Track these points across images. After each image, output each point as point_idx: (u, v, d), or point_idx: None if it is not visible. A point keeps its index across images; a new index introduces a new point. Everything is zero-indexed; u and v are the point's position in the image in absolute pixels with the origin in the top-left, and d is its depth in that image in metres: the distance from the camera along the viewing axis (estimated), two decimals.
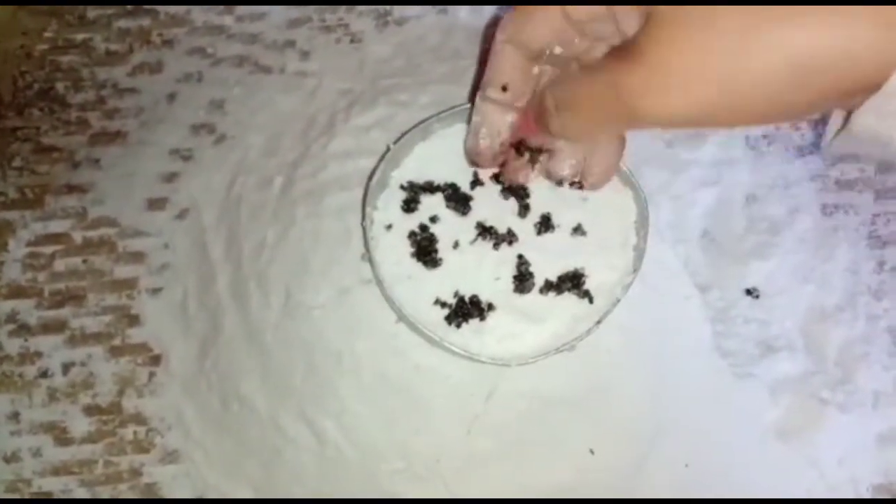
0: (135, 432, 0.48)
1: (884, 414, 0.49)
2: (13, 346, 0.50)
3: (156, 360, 0.50)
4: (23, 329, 0.50)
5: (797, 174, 0.53)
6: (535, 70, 0.38)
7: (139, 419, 0.49)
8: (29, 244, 0.52)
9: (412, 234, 0.44)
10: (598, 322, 0.42)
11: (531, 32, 0.36)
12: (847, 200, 0.53)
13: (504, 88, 0.39)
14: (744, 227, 0.52)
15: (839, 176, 0.54)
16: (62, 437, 0.48)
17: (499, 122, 0.41)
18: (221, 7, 0.57)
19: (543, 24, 0.35)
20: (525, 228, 0.44)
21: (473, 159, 0.43)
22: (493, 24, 0.54)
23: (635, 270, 0.43)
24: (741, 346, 0.49)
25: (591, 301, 0.43)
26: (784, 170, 0.53)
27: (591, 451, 0.45)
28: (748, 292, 0.51)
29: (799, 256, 0.52)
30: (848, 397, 0.49)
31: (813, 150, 0.54)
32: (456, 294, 0.43)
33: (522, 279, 0.43)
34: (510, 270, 0.44)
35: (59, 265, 0.51)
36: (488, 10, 0.57)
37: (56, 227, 0.52)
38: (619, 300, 0.43)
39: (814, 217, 0.53)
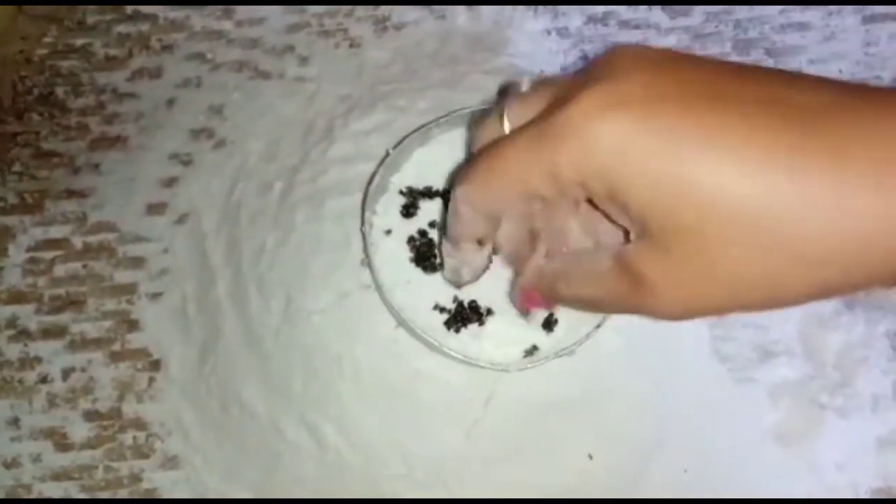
0: (135, 437, 0.48)
1: (883, 418, 0.49)
2: (13, 351, 0.50)
3: (155, 365, 0.50)
4: (23, 334, 0.50)
5: None
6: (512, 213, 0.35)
7: (139, 424, 0.49)
8: (29, 249, 0.52)
9: (411, 239, 0.44)
10: (598, 326, 0.42)
11: (490, 205, 0.32)
12: None
13: (480, 242, 0.37)
14: None
15: None
16: (62, 442, 0.48)
17: (478, 260, 0.38)
18: (220, 12, 0.57)
19: (502, 198, 0.31)
20: None
21: (457, 287, 0.42)
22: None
23: None
24: (740, 350, 0.49)
25: None
26: None
27: (590, 456, 0.46)
28: None
29: None
30: (847, 401, 0.49)
31: None
32: (455, 299, 0.43)
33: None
34: (509, 275, 0.44)
35: (59, 270, 0.51)
36: (486, 16, 0.57)
37: (56, 232, 0.52)
38: None
39: None
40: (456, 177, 0.33)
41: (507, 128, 0.32)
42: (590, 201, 0.30)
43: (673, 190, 0.25)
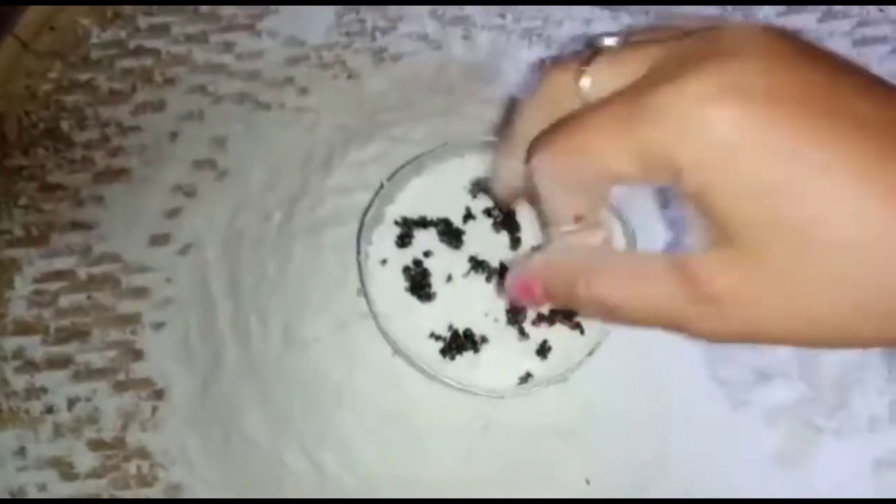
0: (138, 466, 0.49)
1: (879, 439, 0.49)
2: (19, 382, 0.51)
3: (159, 394, 0.50)
4: (29, 365, 0.51)
5: None
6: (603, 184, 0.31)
7: (143, 453, 0.49)
8: (35, 281, 0.53)
9: (406, 269, 0.45)
10: (590, 353, 0.43)
11: (565, 179, 0.30)
12: None
13: (577, 219, 0.33)
14: None
15: None
16: (68, 472, 0.49)
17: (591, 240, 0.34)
18: (222, 46, 0.58)
19: (578, 174, 0.29)
20: None
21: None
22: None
23: None
24: (737, 373, 0.50)
25: (582, 332, 0.44)
26: None
27: (587, 482, 0.46)
28: None
29: None
30: (843, 423, 0.49)
31: None
32: (450, 327, 0.44)
33: (515, 312, 0.44)
34: (502, 303, 0.45)
35: (64, 301, 0.52)
36: (482, 46, 0.58)
37: (61, 263, 0.53)
38: (608, 332, 0.44)
39: None
40: (534, 143, 0.31)
41: (585, 89, 0.29)
42: None
43: (781, 207, 0.23)
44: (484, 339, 0.44)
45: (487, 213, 0.46)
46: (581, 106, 0.29)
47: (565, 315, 0.45)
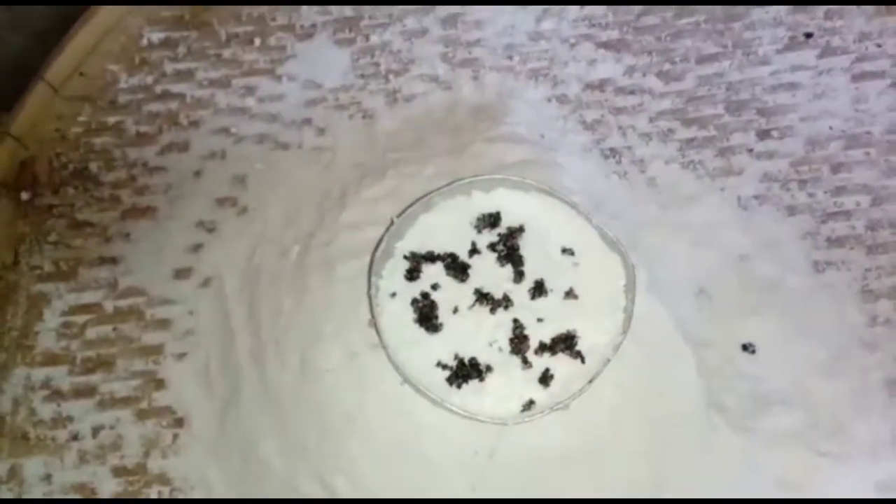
0: (159, 492, 0.51)
1: (881, 464, 0.50)
2: (47, 411, 0.53)
3: (180, 422, 0.52)
4: (56, 394, 0.53)
5: (788, 233, 0.56)
6: None
7: (163, 480, 0.51)
8: (63, 314, 0.56)
9: (415, 301, 0.47)
10: (590, 381, 0.45)
11: None
12: (838, 257, 0.55)
13: None
14: (738, 285, 0.54)
15: (830, 234, 0.56)
16: (91, 497, 0.51)
17: None
18: (244, 90, 0.61)
19: None
20: (520, 293, 0.47)
21: None
22: None
23: (624, 332, 0.46)
24: (737, 401, 0.51)
25: (583, 361, 0.46)
26: (775, 229, 0.56)
27: (585, 498, 0.47)
28: (745, 348, 0.52)
29: (793, 313, 0.53)
30: (845, 449, 0.50)
31: (803, 209, 0.56)
32: (456, 357, 0.46)
33: (518, 341, 0.46)
34: (506, 333, 0.46)
35: (91, 333, 0.55)
36: (490, 87, 0.60)
37: (88, 297, 0.56)
38: (608, 360, 0.45)
39: (806, 274, 0.55)
40: None
41: None
42: None
43: None
44: (489, 368, 0.46)
45: (492, 247, 0.48)
46: None
47: (567, 345, 0.46)
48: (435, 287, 0.47)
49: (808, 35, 0.61)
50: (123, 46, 0.63)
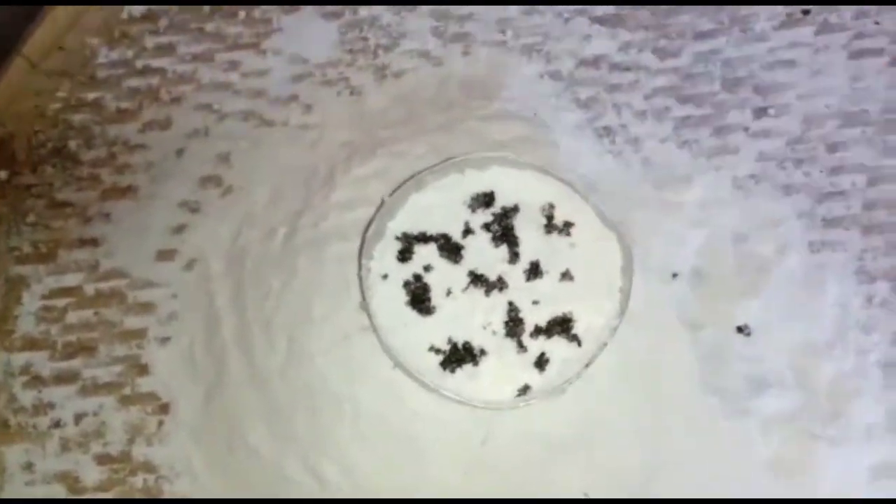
0: (144, 480, 0.50)
1: (876, 447, 0.49)
2: (27, 397, 0.52)
3: (164, 408, 0.51)
4: (36, 380, 0.52)
5: (784, 213, 0.55)
6: None
7: (148, 467, 0.50)
8: (43, 297, 0.54)
9: (407, 283, 0.46)
10: (587, 365, 0.44)
11: None
12: (834, 238, 0.54)
13: None
14: (733, 266, 0.53)
15: (826, 214, 0.55)
16: (75, 486, 0.50)
17: None
18: (227, 65, 0.60)
19: None
20: (515, 275, 0.46)
21: None
22: None
23: (621, 314, 0.45)
24: (733, 383, 0.50)
25: (579, 345, 0.45)
26: (771, 209, 0.55)
27: (586, 494, 0.46)
28: (739, 330, 0.52)
29: (788, 294, 0.53)
30: (840, 431, 0.50)
31: (799, 189, 0.55)
32: (449, 340, 0.45)
33: (513, 324, 0.45)
34: (501, 316, 0.45)
35: (72, 317, 0.53)
36: (482, 62, 0.59)
37: (69, 280, 0.54)
38: (606, 343, 0.44)
39: (802, 254, 0.54)
40: None
41: None
42: None
43: None
44: (483, 352, 0.45)
45: (486, 227, 0.47)
46: None
47: (563, 328, 0.45)
48: (428, 268, 0.46)
49: (806, 11, 0.60)
50: (104, 19, 0.61)
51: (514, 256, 0.47)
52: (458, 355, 0.44)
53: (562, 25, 0.60)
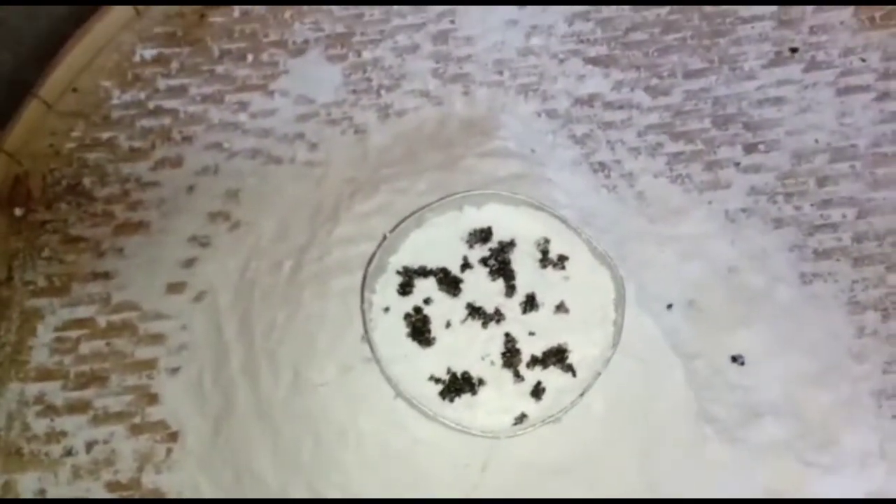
0: None
1: (870, 475, 0.50)
2: (40, 426, 0.53)
3: (173, 436, 0.53)
4: (49, 410, 0.54)
5: (776, 245, 0.56)
6: None
7: (157, 494, 0.52)
8: (56, 329, 0.56)
9: (408, 316, 0.47)
10: (581, 395, 0.45)
11: None
12: (825, 269, 0.56)
13: None
14: (726, 297, 0.55)
15: (817, 246, 0.56)
16: None
17: None
18: (236, 105, 0.62)
19: None
20: (511, 307, 0.48)
21: None
22: None
23: (615, 345, 0.46)
24: (727, 412, 0.51)
25: (574, 374, 0.46)
26: (763, 241, 0.56)
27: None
28: (734, 359, 0.53)
29: (781, 324, 0.54)
30: (834, 459, 0.51)
31: (790, 222, 0.57)
32: (449, 370, 0.46)
33: (510, 355, 0.46)
34: (498, 347, 0.47)
35: (84, 348, 0.55)
36: (480, 102, 0.61)
37: (82, 312, 0.56)
38: (599, 374, 0.46)
39: (794, 286, 0.55)
40: None
41: None
42: None
43: None
44: (481, 382, 0.46)
45: (484, 262, 0.49)
46: None
47: (558, 358, 0.47)
48: (427, 301, 0.48)
49: (794, 50, 0.62)
50: (116, 63, 0.63)
51: (510, 290, 0.48)
52: (457, 385, 0.46)
53: (557, 66, 0.62)
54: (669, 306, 0.54)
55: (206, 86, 0.63)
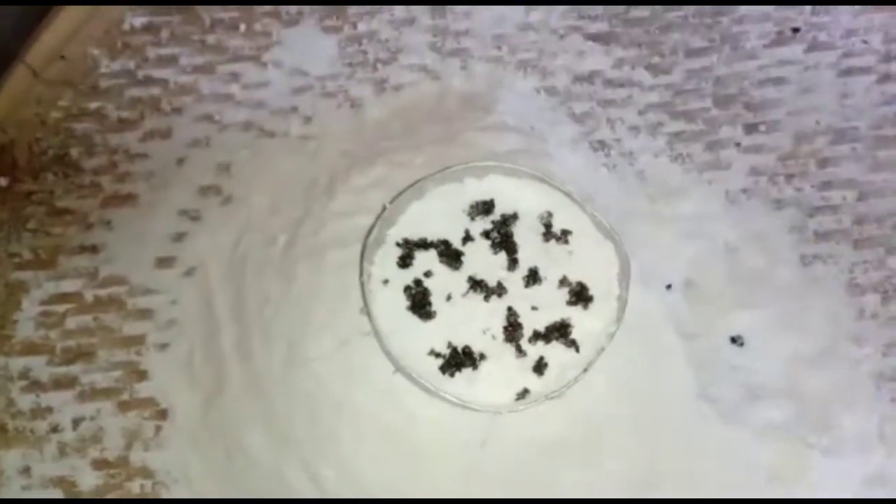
0: (141, 485, 0.50)
1: (868, 457, 0.50)
2: (26, 401, 0.52)
3: (162, 413, 0.51)
4: (35, 385, 0.52)
5: (776, 226, 0.56)
6: None
7: (146, 473, 0.50)
8: (42, 303, 0.54)
9: (407, 288, 0.46)
10: (585, 370, 0.44)
11: None
12: (826, 251, 0.55)
13: None
14: (726, 277, 0.54)
15: (817, 228, 0.56)
16: (71, 490, 0.50)
17: None
18: (228, 76, 0.60)
19: None
20: (514, 281, 0.47)
21: None
22: None
23: (618, 320, 0.46)
24: (727, 392, 0.51)
25: (577, 350, 0.45)
26: (763, 222, 0.56)
27: (584, 499, 0.47)
28: (733, 340, 0.52)
29: (781, 305, 0.54)
30: (833, 441, 0.50)
31: (790, 203, 0.56)
32: (449, 345, 0.45)
33: (512, 329, 0.46)
34: (500, 321, 0.46)
35: (71, 323, 0.54)
36: (479, 77, 0.60)
37: (68, 286, 0.54)
38: (603, 349, 0.45)
39: (793, 267, 0.55)
40: None
41: None
42: None
43: None
44: (482, 357, 0.45)
45: (486, 234, 0.48)
46: None
47: (561, 333, 0.46)
48: (428, 274, 0.47)
49: (796, 30, 0.62)
50: (105, 30, 0.61)
51: (512, 263, 0.47)
52: (458, 359, 0.45)
53: (557, 42, 0.61)
54: (669, 286, 0.53)
55: (198, 56, 0.61)
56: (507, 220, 0.48)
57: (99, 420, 0.51)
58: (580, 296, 0.47)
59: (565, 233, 0.49)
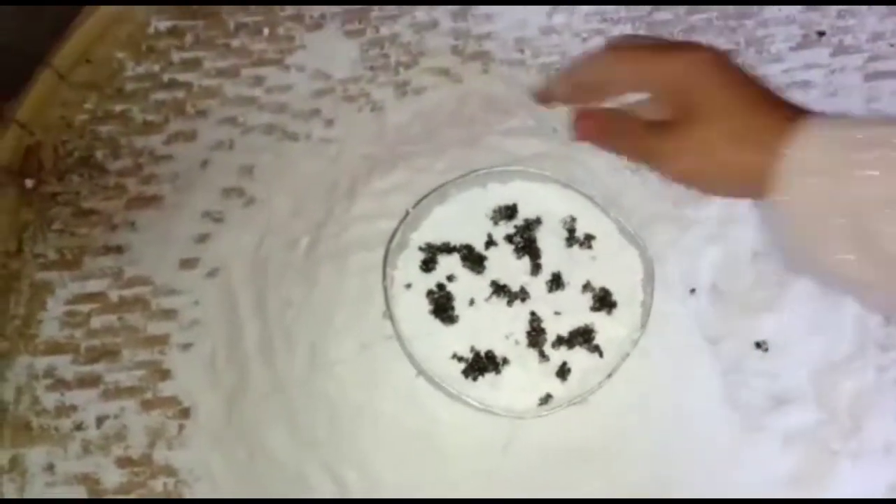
0: (164, 484, 0.50)
1: (894, 463, 0.50)
2: (50, 400, 0.52)
3: (185, 412, 0.52)
4: (59, 384, 0.53)
5: None
6: None
7: (169, 471, 0.51)
8: (67, 303, 0.55)
9: (430, 293, 0.46)
10: (609, 376, 0.44)
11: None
12: None
13: None
14: (751, 281, 0.54)
15: None
16: (95, 488, 0.50)
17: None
18: (252, 80, 0.61)
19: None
20: (537, 286, 0.47)
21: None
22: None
23: (643, 326, 0.45)
24: (752, 398, 0.51)
25: (601, 355, 0.45)
26: None
27: (605, 499, 0.47)
28: (758, 345, 0.52)
29: (806, 310, 0.53)
30: (859, 447, 0.50)
31: None
32: (472, 349, 0.45)
33: (535, 334, 0.45)
34: (523, 326, 0.46)
35: (96, 322, 0.54)
36: (501, 81, 0.60)
37: (93, 286, 0.55)
38: (628, 354, 0.45)
39: None
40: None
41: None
42: None
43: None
44: (505, 361, 0.45)
45: (509, 239, 0.48)
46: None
47: (584, 338, 0.46)
48: (451, 278, 0.47)
49: (821, 33, 0.61)
50: (130, 34, 0.62)
51: (535, 268, 0.47)
52: (481, 364, 0.45)
53: (580, 45, 0.61)
54: (693, 290, 0.53)
55: (221, 59, 0.61)
56: (531, 225, 0.48)
57: (122, 418, 0.52)
58: (604, 301, 0.46)
59: (589, 237, 0.49)
